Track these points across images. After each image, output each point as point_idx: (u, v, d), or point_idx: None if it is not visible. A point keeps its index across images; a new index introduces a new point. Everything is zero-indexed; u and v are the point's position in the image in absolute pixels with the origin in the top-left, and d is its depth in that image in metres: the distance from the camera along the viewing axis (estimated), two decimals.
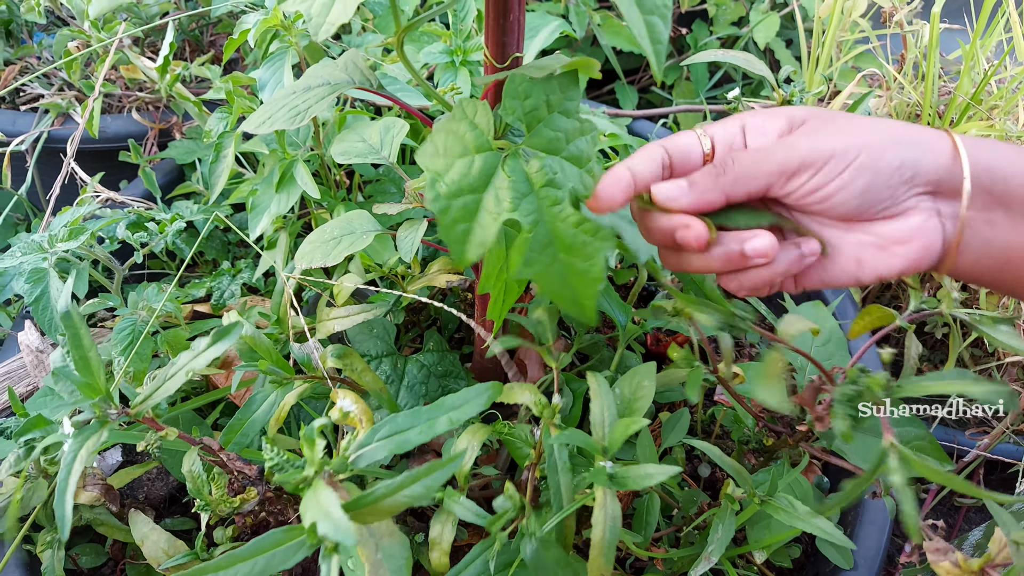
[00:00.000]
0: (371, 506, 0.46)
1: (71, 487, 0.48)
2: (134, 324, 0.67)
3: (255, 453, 0.62)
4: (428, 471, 0.46)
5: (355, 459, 0.50)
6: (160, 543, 0.65)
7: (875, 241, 0.46)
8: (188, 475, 0.55)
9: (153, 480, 0.81)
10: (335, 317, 0.70)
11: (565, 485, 0.61)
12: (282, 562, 0.45)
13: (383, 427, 0.50)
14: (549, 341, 0.68)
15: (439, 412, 0.52)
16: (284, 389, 0.62)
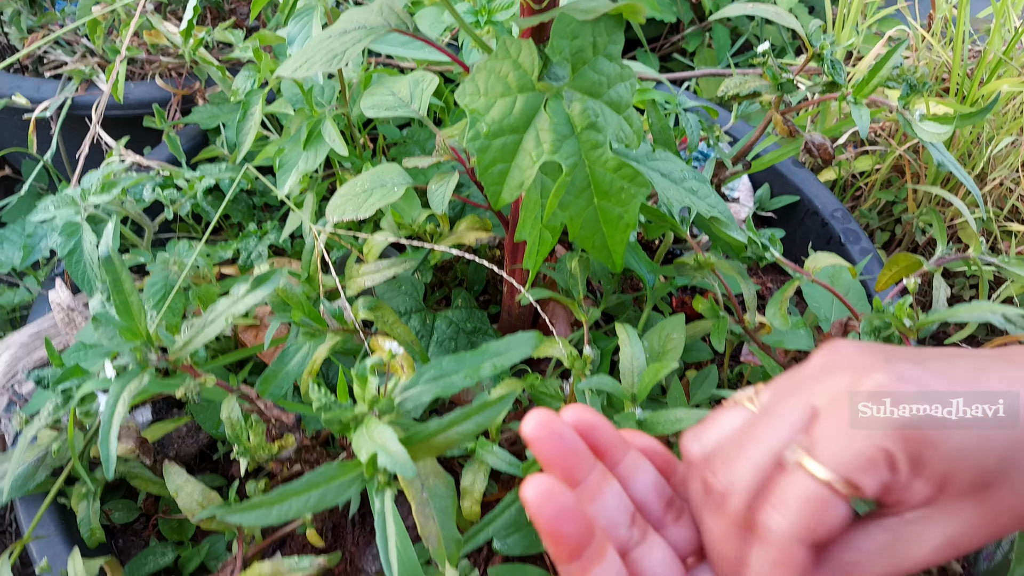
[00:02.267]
0: (423, 443, 0.46)
1: (115, 427, 0.48)
2: (166, 278, 0.67)
3: (290, 404, 0.62)
4: (479, 409, 0.46)
5: (401, 401, 0.50)
6: (195, 495, 0.65)
7: None
8: (227, 421, 0.56)
9: (183, 438, 0.81)
10: (365, 273, 0.70)
11: None
12: (335, 496, 0.45)
13: (428, 370, 0.51)
14: (580, 295, 0.68)
15: (483, 357, 0.52)
16: (316, 341, 0.62)
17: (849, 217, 0.95)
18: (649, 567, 0.34)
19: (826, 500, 0.30)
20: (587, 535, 0.32)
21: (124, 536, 0.81)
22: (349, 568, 0.76)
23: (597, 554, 0.32)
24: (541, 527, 0.31)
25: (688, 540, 0.37)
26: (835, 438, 0.30)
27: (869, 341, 0.35)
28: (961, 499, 0.31)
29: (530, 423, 0.34)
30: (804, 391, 0.33)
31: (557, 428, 0.34)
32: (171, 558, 0.76)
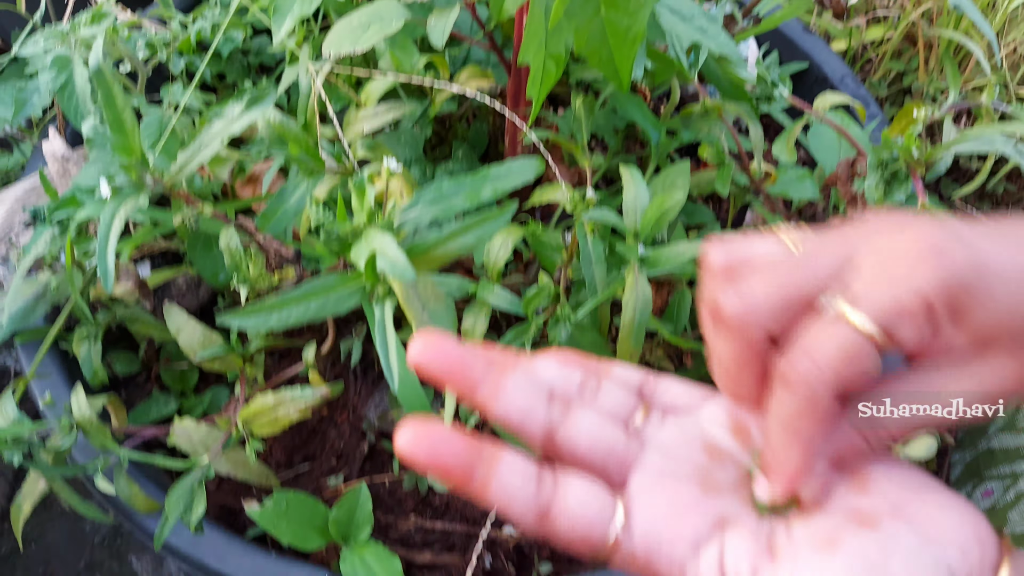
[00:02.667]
0: (423, 255, 0.46)
1: (112, 242, 0.48)
2: (160, 119, 0.66)
3: (290, 242, 0.62)
4: (479, 221, 0.46)
5: (401, 223, 0.49)
6: (195, 335, 0.66)
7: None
8: (226, 250, 0.55)
9: (184, 294, 0.81)
10: (363, 118, 0.68)
11: (599, 276, 0.62)
12: (335, 306, 0.45)
13: (428, 192, 0.50)
14: (584, 138, 0.67)
15: (484, 181, 0.51)
16: (315, 179, 0.61)
17: (859, 84, 0.93)
18: (579, 439, 0.32)
19: (862, 350, 0.28)
20: (470, 455, 0.30)
21: (127, 388, 0.82)
22: (352, 417, 0.78)
23: (491, 464, 0.30)
24: (424, 467, 0.29)
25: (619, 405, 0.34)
26: (876, 287, 0.29)
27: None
28: (1000, 351, 0.30)
29: (413, 348, 0.31)
30: (850, 242, 0.30)
31: (439, 343, 0.31)
32: (174, 408, 0.78)
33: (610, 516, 0.30)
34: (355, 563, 0.63)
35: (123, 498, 0.63)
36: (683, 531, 0.31)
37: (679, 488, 0.32)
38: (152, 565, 1.04)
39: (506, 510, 0.30)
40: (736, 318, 0.30)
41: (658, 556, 0.30)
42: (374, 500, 0.73)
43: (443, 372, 0.31)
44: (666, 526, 0.31)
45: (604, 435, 0.32)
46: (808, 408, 0.29)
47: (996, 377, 0.30)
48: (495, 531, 0.72)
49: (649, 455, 0.32)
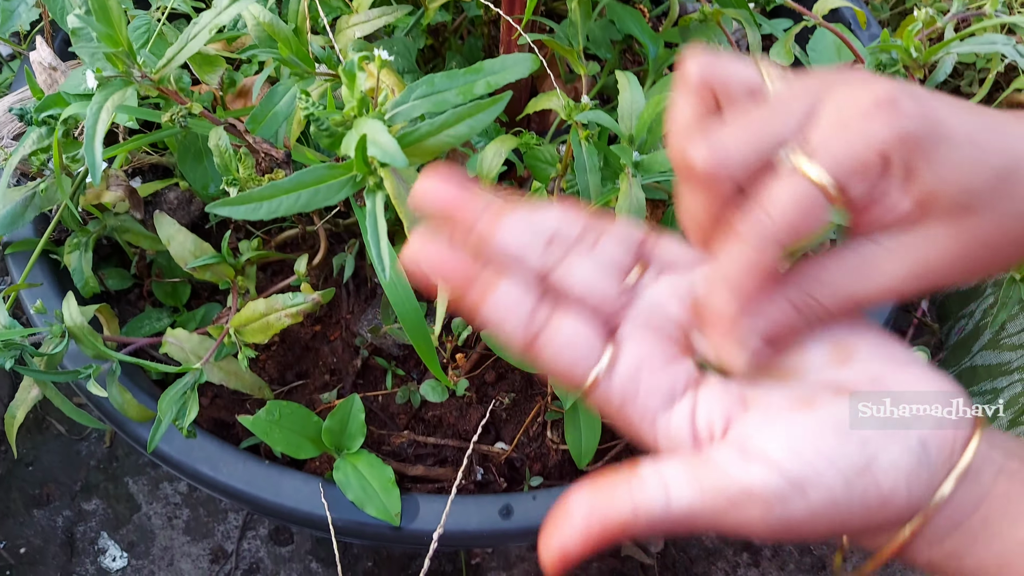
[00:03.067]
0: (414, 145, 0.45)
1: (99, 134, 0.47)
2: (149, 23, 0.64)
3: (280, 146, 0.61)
4: (471, 111, 0.45)
5: (392, 116, 0.48)
6: (187, 244, 0.65)
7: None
8: (215, 149, 0.54)
9: (175, 209, 0.80)
10: (355, 23, 0.67)
11: (593, 185, 0.61)
12: (326, 197, 0.44)
13: (420, 86, 0.49)
14: (579, 44, 0.65)
15: (478, 75, 0.50)
16: (306, 82, 0.60)
17: (860, 1, 0.91)
18: (574, 281, 0.32)
19: (815, 203, 0.28)
20: (472, 266, 0.31)
21: (119, 305, 0.81)
22: (345, 333, 0.78)
23: (491, 283, 0.31)
24: (425, 275, 0.31)
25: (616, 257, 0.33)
26: (832, 139, 0.28)
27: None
28: (938, 223, 0.30)
29: (421, 183, 0.32)
30: (813, 92, 0.30)
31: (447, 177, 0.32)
32: (167, 323, 0.77)
33: (596, 358, 0.31)
34: (347, 471, 0.64)
35: (115, 405, 0.63)
36: (660, 383, 0.31)
37: (662, 343, 0.32)
38: (149, 487, 1.05)
39: (497, 329, 0.31)
40: (706, 170, 0.30)
41: (633, 404, 0.31)
42: (367, 415, 0.73)
43: (447, 204, 0.32)
44: (645, 376, 0.31)
45: (598, 283, 0.32)
46: (755, 259, 0.29)
47: (935, 252, 0.30)
48: (487, 446, 0.73)
49: (639, 308, 0.33)
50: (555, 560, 0.29)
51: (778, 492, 0.28)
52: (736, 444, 0.30)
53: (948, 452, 0.29)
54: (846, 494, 0.28)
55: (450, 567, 0.98)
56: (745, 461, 0.29)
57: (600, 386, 0.31)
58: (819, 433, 0.29)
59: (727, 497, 0.28)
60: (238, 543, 1.01)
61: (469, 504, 0.63)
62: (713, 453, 0.30)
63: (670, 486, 0.29)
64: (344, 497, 0.63)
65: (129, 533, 1.02)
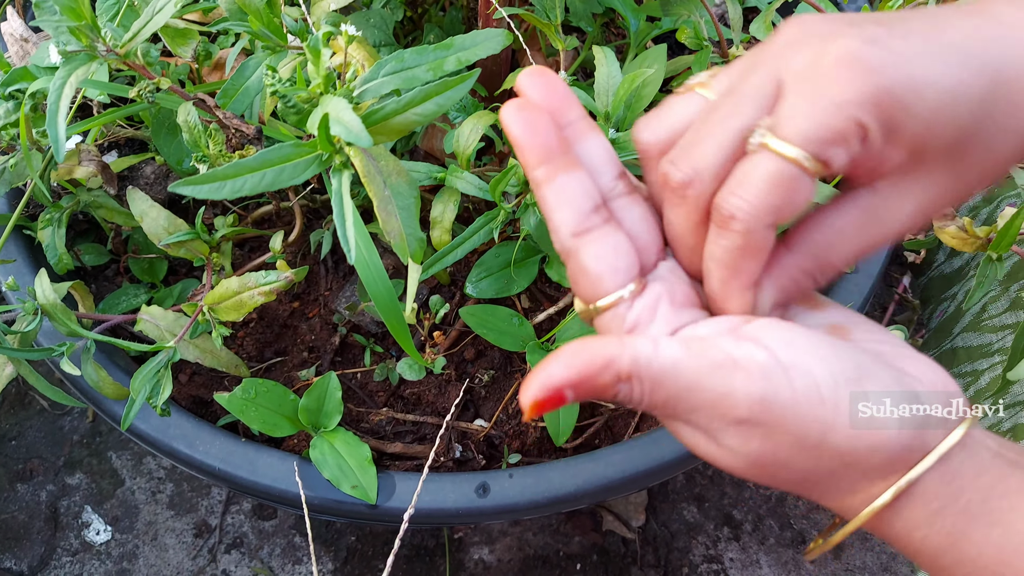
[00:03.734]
0: (381, 123, 0.44)
1: (62, 109, 0.46)
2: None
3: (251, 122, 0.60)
4: (439, 88, 0.44)
5: (361, 92, 0.48)
6: (160, 220, 0.65)
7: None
8: (184, 125, 0.54)
9: (151, 184, 0.80)
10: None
11: None
12: (291, 176, 0.44)
13: (389, 62, 0.48)
14: (558, 19, 0.64)
15: (449, 51, 0.49)
16: (278, 56, 0.59)
17: None
18: (627, 217, 0.33)
19: (793, 178, 0.28)
20: (557, 147, 0.31)
21: (96, 281, 0.81)
22: (323, 310, 0.77)
23: (567, 165, 0.31)
24: (511, 134, 0.31)
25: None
26: (802, 112, 0.27)
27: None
28: (935, 164, 0.29)
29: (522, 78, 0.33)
30: (766, 67, 0.29)
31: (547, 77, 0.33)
32: (144, 299, 0.77)
33: (627, 278, 0.32)
34: (324, 449, 0.64)
35: (91, 383, 0.63)
36: (671, 320, 0.32)
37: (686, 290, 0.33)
38: (132, 462, 1.05)
39: (551, 212, 0.31)
40: (684, 186, 0.30)
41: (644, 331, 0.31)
42: (345, 393, 0.73)
43: (544, 99, 0.32)
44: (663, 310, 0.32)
45: (647, 227, 0.33)
46: (747, 245, 0.29)
47: (935, 193, 0.30)
48: (466, 424, 0.73)
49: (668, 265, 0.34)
50: (534, 390, 0.28)
51: (763, 367, 0.28)
52: (736, 333, 0.30)
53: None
54: (832, 394, 0.27)
55: (433, 542, 0.98)
56: (738, 342, 0.29)
57: (620, 306, 0.31)
58: (817, 342, 0.29)
59: (712, 360, 0.28)
60: (222, 517, 1.01)
61: (445, 482, 0.63)
62: (712, 336, 0.30)
63: (660, 343, 0.29)
64: (321, 475, 0.63)
65: (113, 508, 1.02)
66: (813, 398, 0.27)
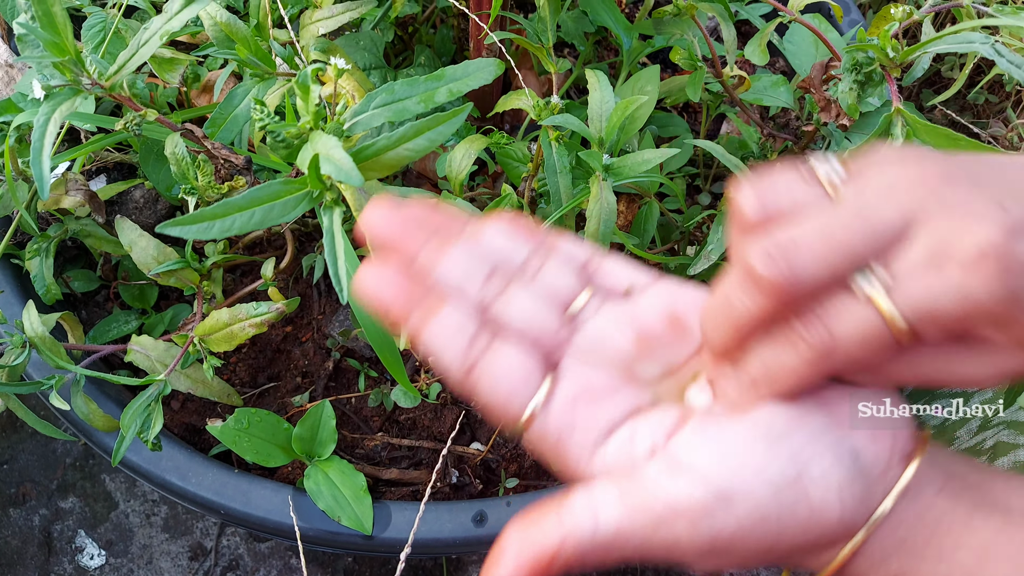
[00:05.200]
0: (373, 159, 0.43)
1: (46, 146, 0.46)
2: (104, 21, 0.62)
3: (240, 151, 0.59)
4: (431, 124, 0.44)
5: (351, 125, 0.47)
6: (149, 249, 0.64)
7: None
8: (172, 157, 0.53)
9: (141, 208, 0.79)
10: (319, 19, 0.65)
11: (564, 187, 0.60)
12: (281, 214, 0.43)
13: (379, 94, 0.47)
14: (549, 41, 0.64)
15: (439, 82, 0.48)
16: (266, 84, 0.59)
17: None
18: (512, 316, 0.31)
19: (881, 339, 0.26)
20: (413, 295, 0.30)
21: (86, 307, 0.80)
22: (316, 335, 0.76)
23: (431, 310, 0.30)
24: (370, 303, 0.30)
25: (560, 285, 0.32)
26: (921, 280, 0.26)
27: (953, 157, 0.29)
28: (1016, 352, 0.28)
29: (367, 214, 0.32)
30: (904, 204, 0.27)
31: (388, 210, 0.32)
32: (135, 325, 0.76)
33: (532, 390, 0.30)
34: (318, 479, 0.63)
35: (81, 416, 0.62)
36: (599, 416, 0.30)
37: (604, 374, 0.31)
38: (126, 485, 1.04)
39: (436, 358, 0.30)
40: (775, 286, 0.27)
41: (569, 440, 0.30)
42: (340, 418, 0.72)
43: (390, 238, 0.31)
44: (582, 409, 0.30)
45: (537, 317, 0.31)
46: (801, 372, 0.28)
47: (996, 370, 0.28)
48: (462, 447, 0.72)
49: (581, 339, 0.32)
50: None
51: (703, 505, 0.27)
52: (667, 458, 0.29)
53: (885, 465, 0.28)
54: (775, 506, 0.27)
55: (431, 562, 0.97)
56: (672, 475, 0.28)
57: (537, 421, 0.30)
58: (749, 441, 0.28)
59: (653, 514, 0.27)
60: (217, 540, 1.00)
61: (442, 511, 0.62)
62: (644, 469, 0.29)
63: (598, 509, 0.28)
64: (315, 506, 0.62)
65: (107, 531, 1.01)
66: (756, 518, 0.27)
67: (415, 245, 0.31)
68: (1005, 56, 0.52)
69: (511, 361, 0.30)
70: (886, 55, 0.50)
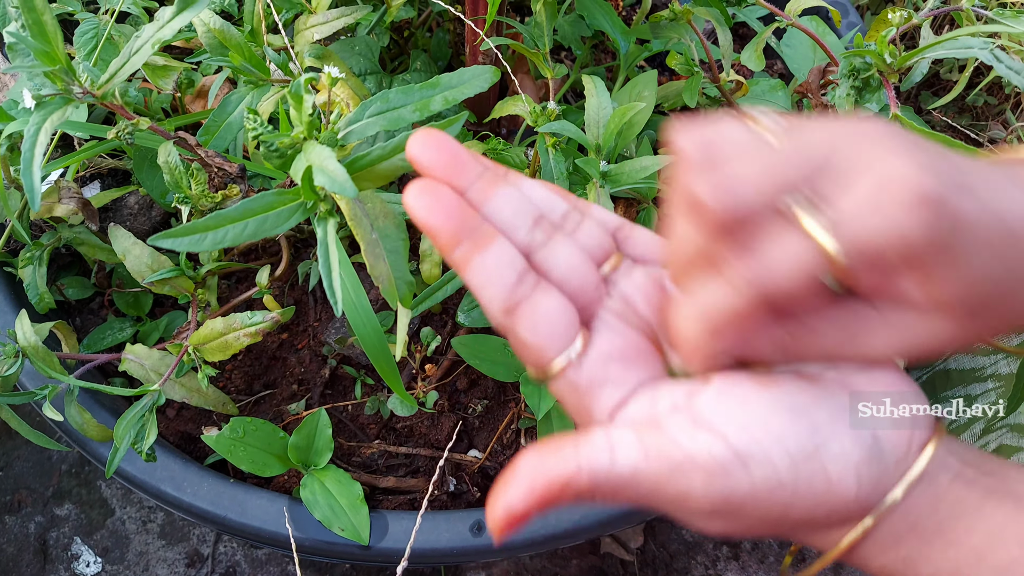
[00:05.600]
0: (366, 169, 0.43)
1: (37, 157, 0.45)
2: (97, 27, 0.62)
3: (234, 158, 0.59)
4: None
5: (345, 134, 0.46)
6: (143, 258, 0.63)
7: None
8: (165, 166, 0.52)
9: (135, 215, 0.78)
10: (313, 24, 0.64)
11: None
12: (275, 225, 0.43)
13: (374, 103, 0.47)
14: (546, 47, 0.63)
15: (435, 90, 0.48)
16: (260, 91, 0.58)
17: None
18: (555, 265, 0.32)
19: (817, 271, 0.26)
20: (466, 223, 0.30)
21: (81, 314, 0.79)
22: (312, 342, 0.76)
23: (482, 241, 0.30)
24: (418, 222, 0.30)
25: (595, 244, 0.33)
26: (862, 218, 0.26)
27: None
28: (946, 317, 0.28)
29: (412, 142, 0.31)
30: (833, 145, 0.27)
31: (441, 140, 0.31)
32: (130, 333, 0.75)
33: (569, 340, 0.30)
34: (315, 489, 0.62)
35: (75, 426, 0.61)
36: (628, 376, 0.31)
37: (633, 337, 0.32)
38: (122, 491, 1.04)
39: (478, 292, 0.30)
40: (719, 210, 0.27)
41: (598, 394, 0.30)
42: (336, 426, 0.72)
43: (439, 167, 0.31)
44: (614, 368, 0.30)
45: (578, 270, 0.32)
46: (741, 312, 0.28)
47: (929, 337, 0.29)
48: (460, 455, 0.72)
49: (613, 300, 0.32)
50: (500, 518, 0.28)
51: (721, 463, 0.27)
52: (690, 413, 0.29)
53: (903, 452, 0.29)
54: (791, 476, 0.27)
55: (429, 569, 0.97)
56: (694, 429, 0.28)
57: (569, 371, 0.30)
58: (772, 410, 0.28)
59: (671, 462, 0.28)
60: (214, 547, 1.00)
61: (440, 520, 0.62)
62: (666, 420, 0.29)
63: (616, 447, 0.28)
64: (312, 515, 0.61)
65: (103, 538, 1.01)
66: (772, 484, 0.27)
67: (465, 180, 0.31)
68: (1004, 62, 0.52)
69: (554, 307, 0.30)
70: (884, 61, 0.50)
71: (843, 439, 0.28)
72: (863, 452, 0.28)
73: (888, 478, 0.28)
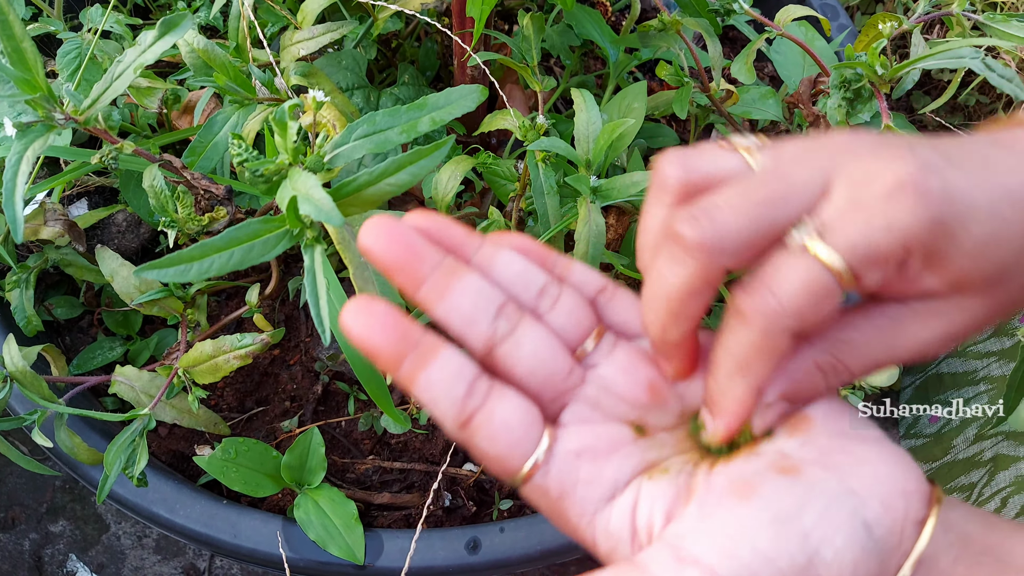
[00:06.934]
0: (353, 195, 0.42)
1: (19, 186, 0.44)
2: (79, 47, 0.61)
3: (220, 179, 0.58)
4: (412, 157, 0.43)
5: (331, 158, 0.46)
6: (131, 279, 0.62)
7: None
8: (150, 190, 0.52)
9: (123, 232, 0.77)
10: (299, 40, 0.64)
11: (552, 207, 0.59)
12: (261, 254, 0.42)
13: (360, 125, 0.46)
14: (534, 60, 0.62)
15: (422, 111, 0.47)
16: (246, 110, 0.57)
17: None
18: (519, 360, 0.29)
19: (827, 288, 0.26)
20: (408, 338, 0.28)
21: (70, 333, 0.79)
22: (304, 358, 0.75)
23: (426, 356, 0.28)
24: (356, 343, 0.28)
25: (572, 323, 0.31)
26: (853, 226, 0.26)
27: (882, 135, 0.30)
28: (970, 295, 0.28)
29: (367, 229, 0.29)
30: (820, 165, 0.27)
31: (394, 231, 0.29)
32: (120, 352, 0.75)
33: (533, 443, 0.29)
34: (309, 508, 0.62)
35: (65, 450, 0.61)
36: (602, 474, 0.29)
37: (610, 427, 0.30)
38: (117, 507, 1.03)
39: (429, 408, 0.28)
40: (702, 247, 0.26)
41: (571, 498, 0.29)
42: (329, 442, 0.71)
43: (391, 261, 0.29)
44: (585, 467, 0.29)
45: (546, 360, 0.30)
46: (763, 345, 0.27)
47: (965, 319, 0.29)
48: (455, 469, 0.71)
49: (588, 388, 0.30)
50: None
51: None
52: (671, 545, 0.27)
53: (898, 537, 0.27)
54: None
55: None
56: (679, 567, 0.26)
57: (536, 476, 0.28)
58: (757, 527, 0.27)
59: None
60: (210, 561, 0.99)
61: (435, 538, 0.61)
62: (648, 558, 0.27)
63: None
64: (306, 536, 0.61)
65: (98, 554, 1.00)
66: None
67: (421, 272, 0.29)
68: (996, 70, 0.51)
69: (511, 413, 0.29)
70: (875, 72, 0.50)
71: (835, 540, 0.27)
72: (858, 550, 0.27)
73: (887, 568, 0.27)
